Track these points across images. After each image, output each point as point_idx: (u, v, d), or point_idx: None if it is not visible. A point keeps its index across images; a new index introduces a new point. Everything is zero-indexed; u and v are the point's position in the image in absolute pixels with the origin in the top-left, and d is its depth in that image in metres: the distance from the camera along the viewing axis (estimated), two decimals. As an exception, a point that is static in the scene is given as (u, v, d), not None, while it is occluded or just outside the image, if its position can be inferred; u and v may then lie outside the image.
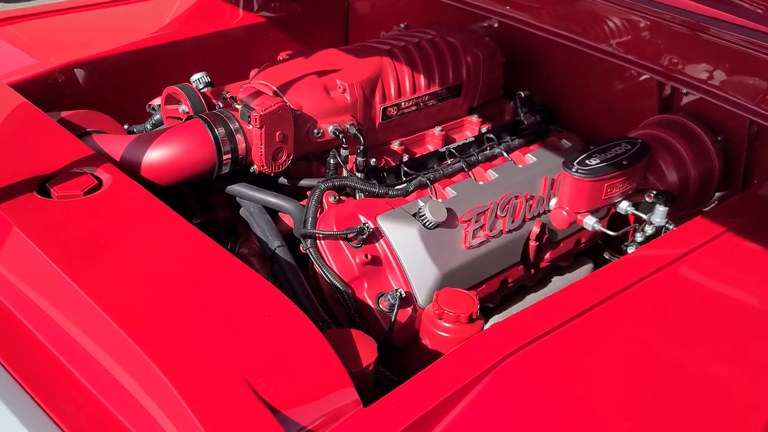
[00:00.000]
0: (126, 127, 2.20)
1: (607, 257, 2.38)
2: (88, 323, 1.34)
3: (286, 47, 2.46)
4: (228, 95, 2.03)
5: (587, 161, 1.95)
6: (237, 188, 1.96)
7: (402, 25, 2.49)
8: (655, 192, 2.00)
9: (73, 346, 1.34)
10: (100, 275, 1.39)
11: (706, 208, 2.26)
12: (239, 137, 1.91)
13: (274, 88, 1.97)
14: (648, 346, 1.45)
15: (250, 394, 1.19)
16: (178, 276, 1.43)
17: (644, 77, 2.32)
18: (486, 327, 2.05)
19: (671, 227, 1.97)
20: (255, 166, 1.94)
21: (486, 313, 2.11)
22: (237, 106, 1.94)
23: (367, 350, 1.41)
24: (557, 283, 2.28)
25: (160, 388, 1.19)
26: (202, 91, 2.09)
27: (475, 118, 2.35)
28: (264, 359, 1.27)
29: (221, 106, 2.03)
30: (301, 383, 1.24)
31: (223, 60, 2.61)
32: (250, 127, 1.87)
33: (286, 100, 1.93)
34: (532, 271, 2.16)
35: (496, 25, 2.61)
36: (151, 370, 1.20)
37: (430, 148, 2.26)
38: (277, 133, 1.88)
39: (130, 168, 1.82)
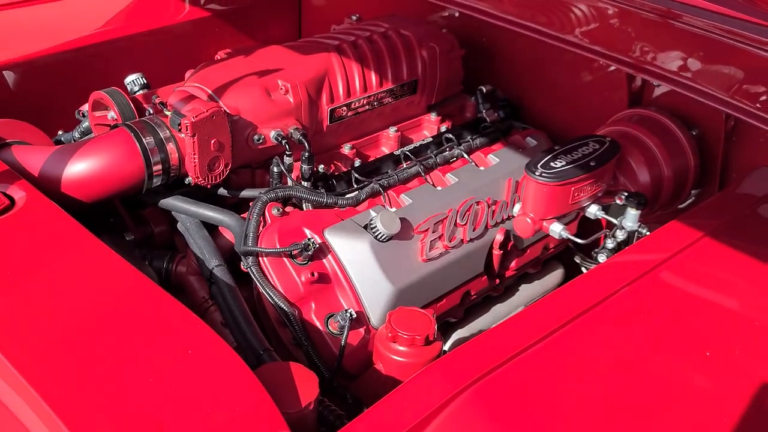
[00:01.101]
0: (60, 133, 2.15)
1: (578, 261, 2.36)
2: None
3: (235, 43, 2.48)
4: (158, 100, 1.97)
5: (552, 163, 1.92)
6: (171, 202, 1.91)
7: (353, 18, 2.46)
8: (626, 194, 1.98)
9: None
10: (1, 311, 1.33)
11: (682, 206, 2.26)
12: (170, 146, 1.85)
13: (209, 92, 1.91)
14: (629, 367, 1.41)
15: None
16: (92, 311, 1.37)
17: (613, 69, 2.32)
18: (449, 343, 2.02)
19: (644, 231, 1.97)
20: (190, 178, 1.87)
21: (448, 328, 2.09)
22: (167, 113, 1.87)
23: (307, 387, 1.36)
24: (526, 291, 2.27)
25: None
26: (137, 95, 2.04)
27: (433, 117, 2.33)
28: (185, 405, 1.21)
29: (151, 112, 1.97)
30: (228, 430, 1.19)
31: (166, 59, 2.58)
32: (182, 135, 1.81)
33: (222, 105, 1.88)
34: (497, 281, 2.14)
35: (456, 15, 2.60)
36: (54, 422, 1.14)
37: (385, 150, 2.23)
38: (212, 141, 1.82)
39: (50, 184, 1.78)
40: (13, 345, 1.26)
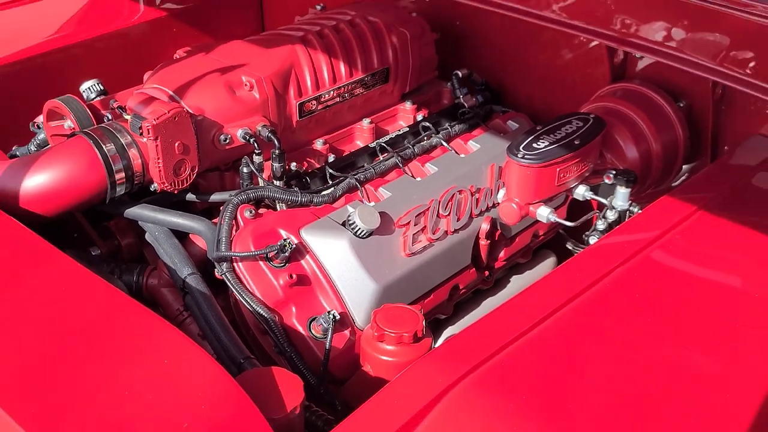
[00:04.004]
0: (14, 148, 2.16)
1: (570, 248, 2.39)
2: None
3: (195, 42, 2.43)
4: (116, 105, 1.99)
5: (534, 145, 1.94)
6: (137, 211, 1.93)
7: (318, 7, 2.49)
8: (614, 172, 2.00)
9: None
10: None
11: (675, 183, 2.29)
12: (133, 152, 1.87)
13: (170, 92, 1.94)
14: (624, 352, 1.43)
15: None
16: (62, 326, 1.39)
17: (594, 44, 2.34)
18: (439, 341, 2.04)
19: (636, 210, 1.99)
20: (155, 184, 1.90)
21: (438, 326, 2.11)
22: (127, 117, 1.89)
23: (291, 391, 1.38)
24: (517, 282, 2.30)
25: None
26: (93, 101, 2.05)
27: (408, 105, 2.36)
28: (164, 417, 1.22)
29: (110, 118, 1.99)
30: None
31: (124, 63, 2.60)
32: (144, 139, 1.83)
33: (184, 105, 1.91)
34: (487, 273, 2.17)
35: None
36: None
37: (360, 143, 2.26)
38: (176, 144, 1.85)
39: (7, 200, 1.80)
40: None
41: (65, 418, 1.21)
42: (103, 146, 1.84)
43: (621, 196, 1.98)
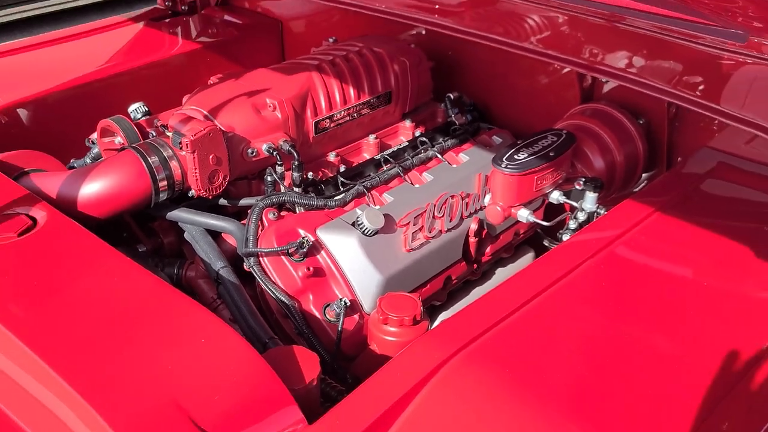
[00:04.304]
0: (72, 161, 2.15)
1: (546, 245, 2.37)
2: (26, 366, 1.29)
3: (225, 70, 2.43)
4: (159, 123, 1.98)
5: (515, 156, 1.93)
6: (177, 213, 1.91)
7: (330, 40, 2.47)
8: (584, 179, 1.99)
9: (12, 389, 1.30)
10: (35, 318, 1.36)
11: (636, 189, 2.27)
12: (173, 164, 1.86)
13: (205, 112, 1.93)
14: (592, 330, 1.44)
15: (189, 424, 1.15)
16: (114, 310, 1.39)
17: (566, 70, 2.33)
18: (435, 324, 2.03)
19: (602, 212, 1.96)
20: (193, 191, 1.89)
21: (433, 311, 2.10)
22: (169, 134, 1.88)
23: (309, 365, 1.37)
24: (501, 274, 2.27)
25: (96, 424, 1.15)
26: (140, 120, 2.04)
27: (408, 123, 2.34)
28: (202, 386, 1.24)
29: (154, 135, 1.98)
30: (242, 407, 1.22)
31: (164, 88, 2.57)
32: (184, 152, 1.82)
33: (217, 124, 1.89)
34: (475, 266, 2.15)
35: (423, 32, 2.61)
36: (85, 407, 1.17)
37: (366, 156, 2.23)
38: (210, 156, 1.84)
39: (66, 205, 1.78)
40: (52, 343, 1.29)
41: (118, 385, 1.22)
42: (149, 159, 1.83)
43: (590, 200, 1.96)
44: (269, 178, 1.97)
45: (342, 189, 2.02)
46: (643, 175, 2.26)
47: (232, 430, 1.16)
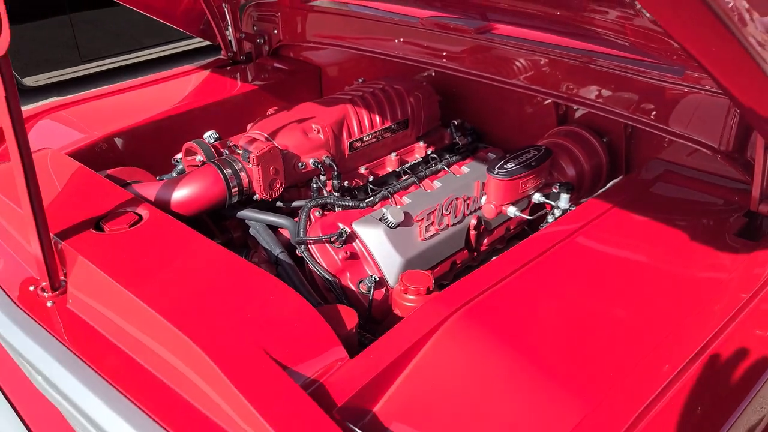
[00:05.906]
0: (159, 177, 2.19)
1: None
2: (147, 323, 1.34)
3: (274, 105, 2.46)
4: (231, 144, 2.02)
5: (505, 165, 1.94)
6: (245, 212, 1.95)
7: (360, 80, 2.47)
8: (559, 184, 2.00)
9: (139, 344, 1.35)
10: (150, 285, 1.40)
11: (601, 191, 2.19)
12: (243, 174, 1.90)
13: (266, 135, 1.97)
14: (563, 293, 1.44)
15: (266, 357, 1.21)
16: (210, 279, 1.44)
17: (547, 102, 2.32)
18: None
19: (573, 209, 1.93)
20: (257, 195, 1.93)
21: (441, 289, 2.05)
22: (239, 152, 1.93)
23: (349, 318, 1.43)
24: None
25: (202, 363, 1.21)
26: (213, 143, 2.07)
27: (421, 144, 2.33)
28: (274, 331, 1.28)
29: (227, 153, 2.02)
30: (303, 346, 1.26)
31: (228, 119, 2.58)
32: (250, 165, 1.87)
33: (275, 143, 1.93)
34: (475, 254, 2.14)
35: (433, 74, 2.61)
36: (195, 351, 1.22)
37: (389, 169, 2.24)
38: (271, 168, 1.88)
39: (162, 205, 1.83)
40: (167, 303, 1.35)
41: (218, 330, 1.27)
42: (224, 170, 1.88)
43: (564, 200, 1.96)
44: (315, 186, 1.99)
45: (371, 194, 2.04)
46: (608, 183, 2.25)
47: (294, 361, 1.21)
